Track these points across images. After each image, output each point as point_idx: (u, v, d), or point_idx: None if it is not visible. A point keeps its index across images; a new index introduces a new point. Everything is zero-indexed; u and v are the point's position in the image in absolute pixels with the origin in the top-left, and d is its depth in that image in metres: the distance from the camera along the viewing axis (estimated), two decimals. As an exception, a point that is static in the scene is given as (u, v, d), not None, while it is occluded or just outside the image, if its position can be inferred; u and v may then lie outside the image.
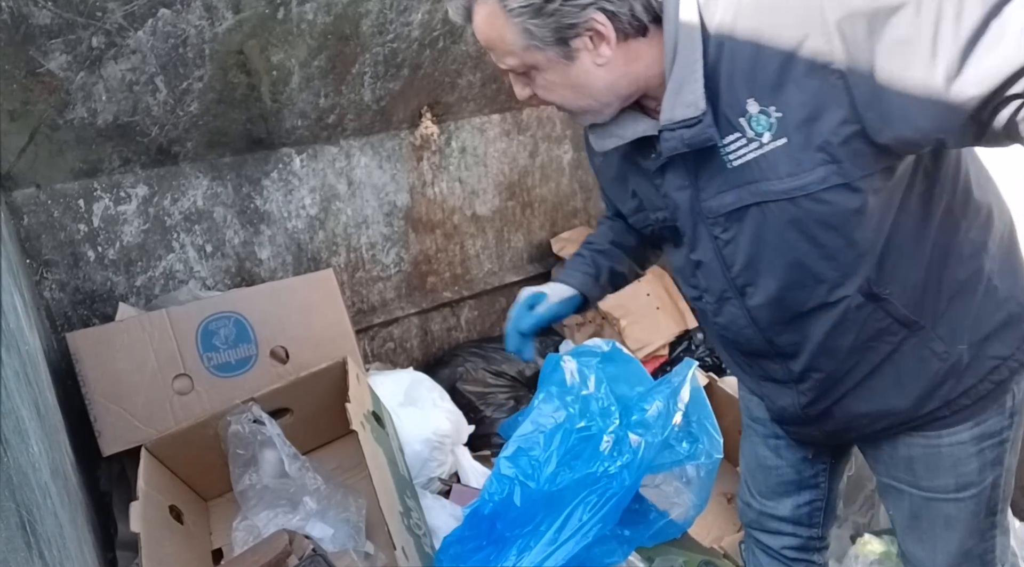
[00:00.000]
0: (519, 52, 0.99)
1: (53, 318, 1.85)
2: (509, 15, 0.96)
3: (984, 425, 1.12)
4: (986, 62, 0.79)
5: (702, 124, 0.96)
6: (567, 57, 0.98)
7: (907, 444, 1.17)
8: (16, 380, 1.03)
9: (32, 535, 0.81)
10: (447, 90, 2.27)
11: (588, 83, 1.01)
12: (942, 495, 1.18)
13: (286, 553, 1.30)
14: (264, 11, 1.71)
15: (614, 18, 0.95)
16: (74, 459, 1.52)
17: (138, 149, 1.81)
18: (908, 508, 1.23)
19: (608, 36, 0.96)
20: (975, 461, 1.14)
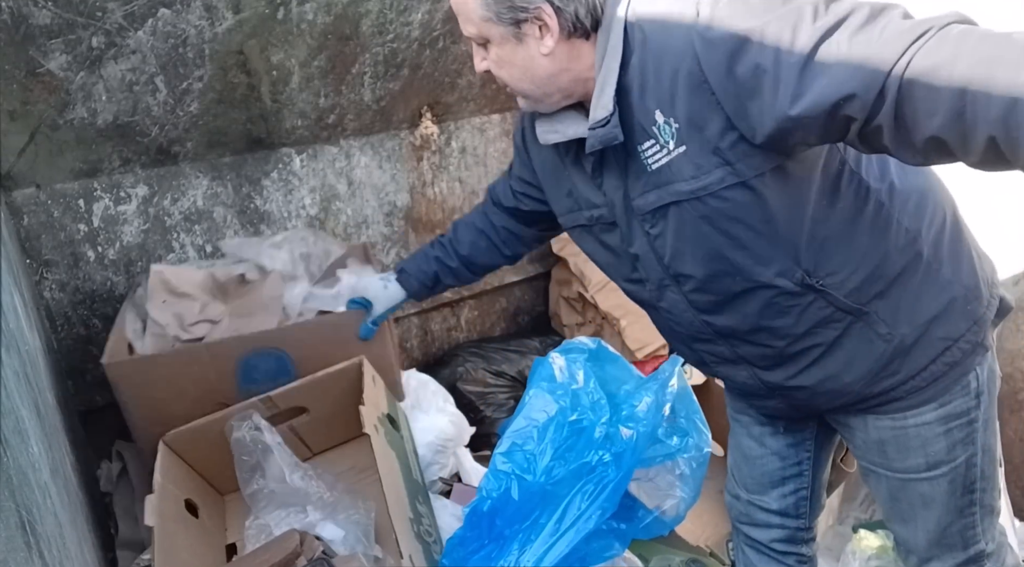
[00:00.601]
0: (478, 22, 1.10)
1: (53, 318, 1.85)
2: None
3: (949, 406, 1.18)
4: (816, 86, 0.90)
5: (610, 124, 1.07)
6: (517, 38, 1.09)
7: (877, 427, 1.23)
8: (16, 380, 1.03)
9: (32, 535, 0.81)
10: (447, 90, 2.27)
11: (532, 68, 1.11)
12: (914, 475, 1.23)
13: (296, 554, 1.30)
14: (264, 11, 1.71)
15: (559, 13, 1.06)
16: (74, 459, 1.52)
17: (138, 149, 1.81)
18: (887, 490, 1.29)
19: (552, 28, 1.07)
20: (943, 440, 1.20)
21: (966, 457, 1.21)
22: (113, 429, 2.00)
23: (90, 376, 1.94)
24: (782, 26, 0.92)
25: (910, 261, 1.12)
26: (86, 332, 1.91)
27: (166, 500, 1.40)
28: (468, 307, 2.65)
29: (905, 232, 1.11)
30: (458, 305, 2.62)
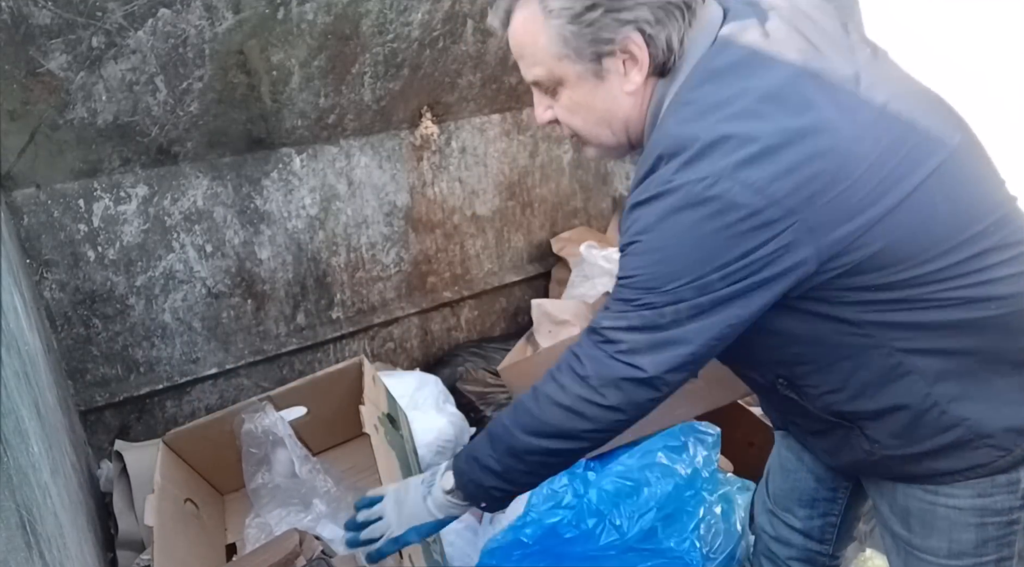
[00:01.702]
0: (550, 61, 0.98)
1: (53, 318, 1.85)
2: (548, 16, 0.95)
3: (988, 499, 1.07)
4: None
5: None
6: (597, 75, 0.97)
7: (906, 494, 1.13)
8: (16, 380, 1.03)
9: (32, 535, 0.81)
10: (447, 90, 2.27)
11: (611, 109, 1.00)
12: (932, 558, 1.13)
13: (295, 554, 1.30)
14: (264, 11, 1.71)
15: (650, 43, 0.94)
16: (74, 459, 1.52)
17: (138, 149, 1.81)
18: (903, 564, 1.20)
19: (642, 61, 0.96)
20: (973, 532, 1.09)
21: (996, 558, 1.11)
22: (113, 429, 2.00)
23: (90, 376, 1.94)
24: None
25: (904, 400, 1.02)
26: (86, 332, 1.91)
27: (166, 500, 1.40)
28: (468, 307, 2.65)
29: (897, 366, 1.01)
30: (458, 305, 2.62)
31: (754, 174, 0.86)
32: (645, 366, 0.96)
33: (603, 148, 1.06)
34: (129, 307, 1.95)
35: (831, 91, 0.94)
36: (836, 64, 0.97)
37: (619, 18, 0.92)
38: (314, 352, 2.30)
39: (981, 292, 0.96)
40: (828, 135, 0.90)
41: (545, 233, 2.78)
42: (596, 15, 0.92)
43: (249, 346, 2.17)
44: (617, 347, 0.97)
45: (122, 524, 1.66)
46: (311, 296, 2.26)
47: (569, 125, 1.05)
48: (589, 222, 2.89)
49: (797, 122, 0.89)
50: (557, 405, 1.01)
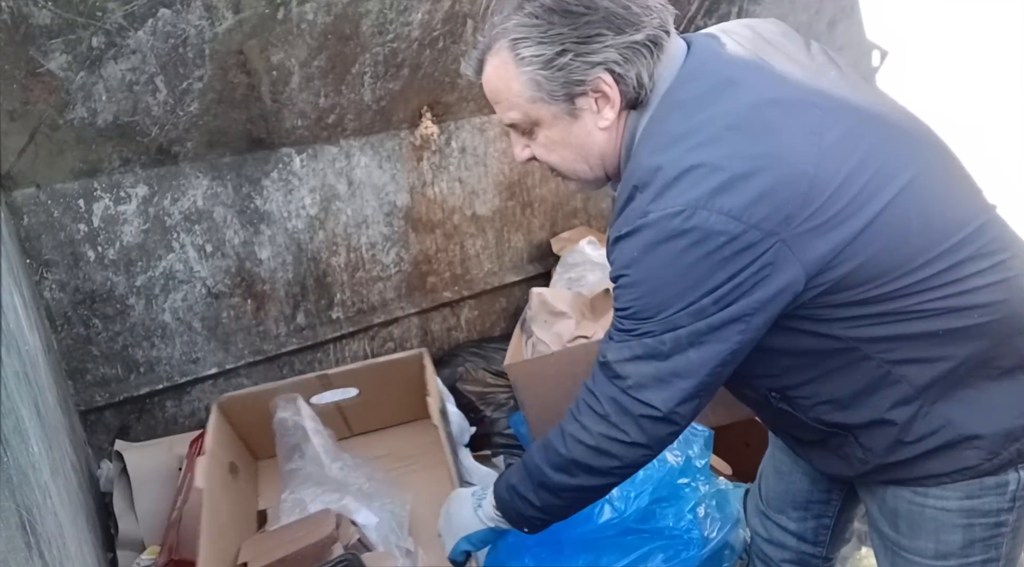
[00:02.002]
0: (524, 104, 1.01)
1: (53, 318, 1.85)
2: (520, 64, 0.99)
3: (977, 501, 1.08)
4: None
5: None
6: (571, 114, 1.01)
7: (895, 496, 1.14)
8: (16, 380, 1.03)
9: (32, 535, 0.81)
10: (447, 90, 2.27)
11: (587, 145, 1.04)
12: (920, 559, 1.14)
13: (332, 538, 1.30)
14: (264, 11, 1.71)
15: (620, 81, 0.98)
16: (74, 459, 1.52)
17: (138, 149, 1.81)
18: (891, 564, 1.20)
19: (613, 99, 0.99)
20: (960, 534, 1.10)
21: (983, 560, 1.11)
22: (113, 429, 2.00)
23: (90, 376, 1.94)
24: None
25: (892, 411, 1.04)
26: (86, 332, 1.91)
27: (215, 463, 1.42)
28: (468, 307, 2.65)
29: (886, 375, 1.02)
30: (458, 305, 2.62)
31: (728, 201, 0.89)
32: (657, 404, 0.99)
33: (582, 181, 1.11)
34: (129, 307, 1.95)
35: (796, 115, 0.96)
36: (800, 88, 0.99)
37: (588, 61, 0.96)
38: (314, 352, 2.30)
39: (962, 302, 0.98)
40: (795, 158, 0.92)
41: (545, 233, 2.78)
42: (566, 60, 0.96)
43: (249, 346, 2.17)
44: (626, 383, 1.00)
45: (122, 524, 1.67)
46: (311, 296, 2.26)
47: (547, 162, 1.09)
48: (589, 222, 2.89)
49: (762, 148, 0.92)
50: (582, 444, 1.04)
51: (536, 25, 0.97)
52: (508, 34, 0.99)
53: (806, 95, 0.98)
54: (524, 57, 0.98)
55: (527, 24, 0.97)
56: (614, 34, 0.96)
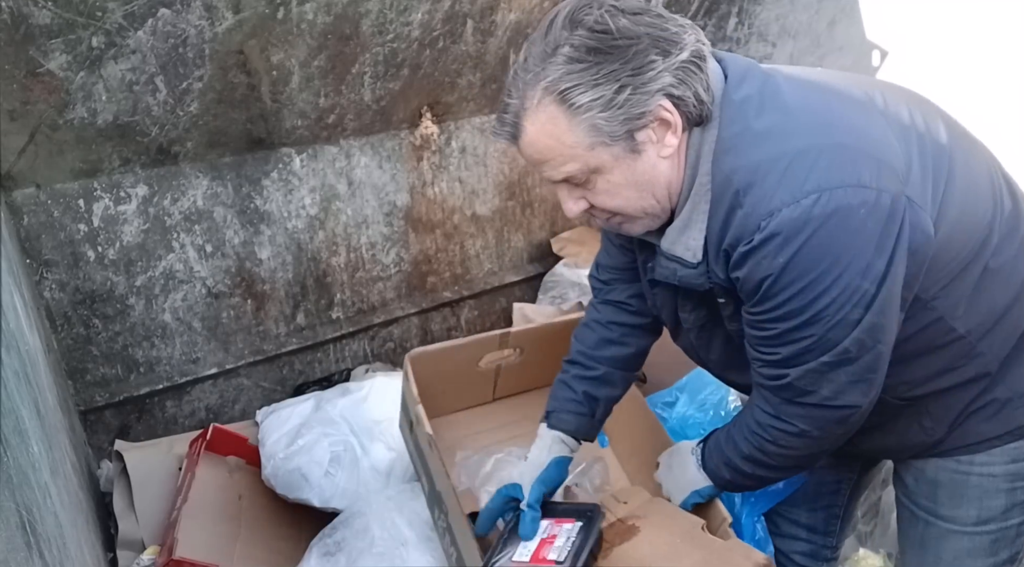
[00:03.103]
0: (583, 154, 0.95)
1: (53, 318, 1.85)
2: (575, 113, 0.93)
3: (1021, 464, 1.11)
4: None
5: (696, 271, 1.02)
6: (633, 151, 0.96)
7: (936, 467, 1.16)
8: (16, 380, 1.03)
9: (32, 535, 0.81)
10: (447, 90, 2.27)
11: (653, 179, 0.99)
12: (959, 527, 1.16)
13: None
14: (264, 11, 1.71)
15: (680, 104, 0.94)
16: (74, 459, 1.52)
17: (138, 149, 1.81)
18: (920, 537, 1.22)
19: (674, 124, 0.95)
20: (1003, 498, 1.13)
21: (1019, 522, 1.14)
22: (113, 429, 2.00)
23: (90, 376, 1.94)
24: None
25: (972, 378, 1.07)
26: (86, 332, 1.91)
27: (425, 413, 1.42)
28: (468, 307, 2.65)
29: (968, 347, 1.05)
30: (458, 305, 2.62)
31: (851, 172, 0.89)
32: (860, 402, 1.00)
33: (650, 217, 1.04)
34: (129, 307, 1.95)
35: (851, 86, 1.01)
36: (847, 82, 1.03)
37: (646, 90, 0.92)
38: (314, 352, 2.30)
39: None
40: (874, 125, 0.95)
41: (545, 233, 2.78)
42: (625, 95, 0.92)
43: (249, 346, 2.17)
44: (820, 396, 0.99)
45: (122, 524, 1.66)
46: (311, 296, 2.26)
47: (610, 208, 1.02)
48: (589, 222, 2.89)
49: (846, 119, 0.95)
50: (794, 458, 1.08)
51: (584, 69, 0.91)
52: (552, 86, 0.93)
53: (855, 91, 1.01)
54: (579, 105, 0.92)
55: (573, 71, 0.92)
56: (663, 58, 0.92)
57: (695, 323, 1.14)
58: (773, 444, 1.06)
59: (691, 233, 0.99)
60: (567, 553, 1.20)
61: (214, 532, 1.60)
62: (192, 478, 1.65)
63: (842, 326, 0.93)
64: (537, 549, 1.24)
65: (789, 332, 0.96)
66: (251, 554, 1.60)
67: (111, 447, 1.85)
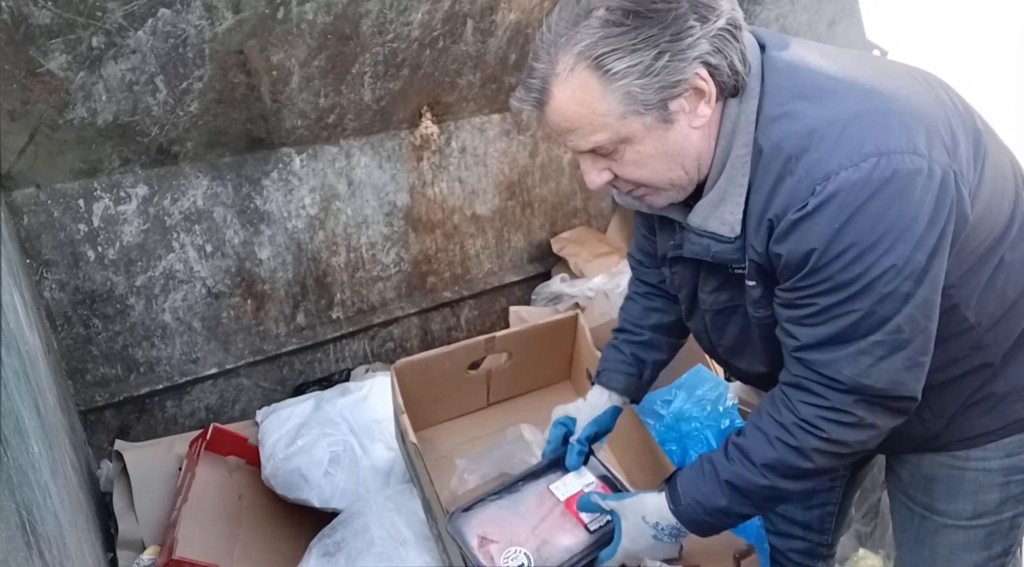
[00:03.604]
0: (614, 123, 0.92)
1: (53, 318, 1.85)
2: (610, 81, 0.89)
3: (1016, 459, 1.11)
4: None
5: (732, 246, 0.97)
6: (665, 121, 0.92)
7: (931, 462, 1.15)
8: (16, 380, 1.03)
9: (32, 535, 0.81)
10: (447, 90, 2.27)
11: (683, 149, 0.95)
12: (954, 521, 1.16)
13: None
14: (264, 11, 1.71)
15: (715, 72, 0.91)
16: (74, 459, 1.52)
17: (138, 149, 1.81)
18: (915, 531, 1.21)
19: (709, 93, 0.92)
20: (997, 492, 1.12)
21: (1012, 515, 1.14)
22: (113, 429, 2.00)
23: (90, 376, 1.94)
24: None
25: (974, 369, 1.06)
26: (86, 332, 1.91)
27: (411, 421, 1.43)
28: (468, 307, 2.65)
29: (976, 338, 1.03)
30: (458, 305, 2.62)
31: (909, 139, 0.87)
32: (916, 391, 0.96)
33: (675, 189, 1.00)
34: (129, 307, 1.95)
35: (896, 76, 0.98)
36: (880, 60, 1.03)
37: (684, 57, 0.89)
38: (314, 352, 2.30)
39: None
40: (917, 93, 0.94)
41: (545, 233, 2.78)
42: (664, 62, 0.88)
43: (249, 346, 2.17)
44: (877, 388, 0.94)
45: (122, 524, 1.67)
46: (311, 296, 2.26)
47: (636, 179, 0.99)
48: (589, 222, 2.89)
49: (895, 89, 0.93)
50: (834, 454, 1.01)
51: (622, 33, 0.87)
52: (587, 51, 0.89)
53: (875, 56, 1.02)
54: (616, 71, 0.88)
55: (610, 35, 0.88)
56: (701, 24, 0.88)
57: (713, 305, 1.11)
58: (818, 437, 0.99)
59: (727, 207, 0.96)
60: (599, 527, 1.21)
61: (214, 532, 1.60)
62: (192, 478, 1.66)
63: (893, 300, 0.88)
64: (575, 495, 1.26)
65: (836, 306, 0.91)
66: (251, 554, 1.60)
67: (111, 447, 1.85)
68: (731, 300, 1.07)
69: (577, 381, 1.80)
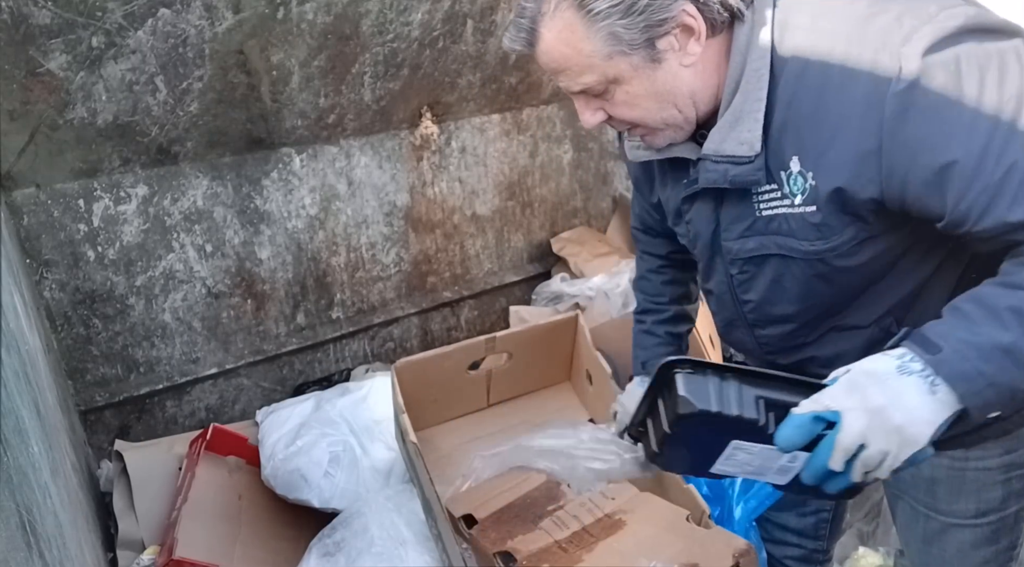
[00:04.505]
0: (600, 64, 0.91)
1: (53, 318, 1.85)
2: (593, 21, 0.89)
3: (1015, 455, 1.09)
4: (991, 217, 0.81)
5: (752, 165, 0.93)
6: (653, 60, 0.91)
7: (932, 465, 1.13)
8: (16, 380, 1.03)
9: (32, 535, 0.81)
10: (447, 90, 2.27)
11: (674, 88, 0.93)
12: (960, 520, 1.15)
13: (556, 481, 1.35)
14: (264, 11, 1.71)
15: (704, 8, 0.89)
16: (74, 459, 1.52)
17: (138, 149, 1.81)
18: (921, 532, 1.20)
19: (698, 30, 0.90)
20: (1000, 489, 1.11)
21: (1016, 510, 1.13)
22: (113, 429, 2.00)
23: (90, 376, 1.94)
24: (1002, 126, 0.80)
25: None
26: (86, 332, 1.91)
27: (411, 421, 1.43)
28: (468, 307, 2.65)
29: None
30: (458, 305, 2.62)
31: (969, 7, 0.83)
32: None
33: (672, 129, 0.98)
34: (129, 307, 1.95)
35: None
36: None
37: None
38: (314, 352, 2.30)
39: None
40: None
41: (545, 233, 2.78)
42: (646, 1, 0.87)
43: (249, 346, 2.17)
44: None
45: (122, 524, 1.67)
46: (311, 296, 2.26)
47: (629, 119, 0.98)
48: (589, 222, 2.89)
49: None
50: None
51: None
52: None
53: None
54: (598, 11, 0.87)
55: None
56: None
57: (740, 254, 1.03)
58: None
59: (744, 126, 0.92)
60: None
61: (214, 532, 1.60)
62: (192, 478, 1.66)
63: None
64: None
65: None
66: (251, 554, 1.60)
67: (111, 447, 1.85)
68: (760, 248, 1.00)
69: (577, 381, 1.80)
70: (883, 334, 1.01)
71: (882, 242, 0.94)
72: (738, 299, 1.09)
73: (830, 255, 0.94)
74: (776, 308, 1.05)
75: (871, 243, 0.94)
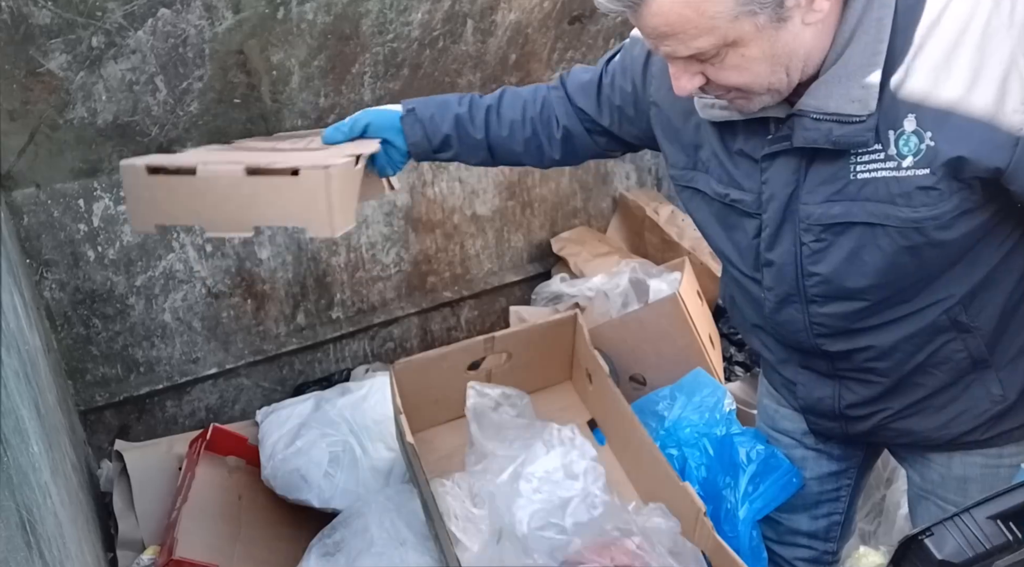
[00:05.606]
0: (723, 26, 0.82)
1: (53, 318, 1.85)
2: None
3: None
4: None
5: (863, 125, 0.86)
6: (779, 19, 0.83)
7: (963, 463, 1.11)
8: (16, 380, 1.03)
9: (32, 535, 0.81)
10: (447, 90, 2.27)
11: (792, 50, 0.86)
12: None
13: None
14: (264, 11, 1.71)
15: None
16: (74, 459, 1.52)
17: (138, 149, 1.81)
18: None
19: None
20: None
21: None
22: (113, 429, 2.00)
23: (90, 376, 1.94)
24: None
25: None
26: (86, 332, 1.91)
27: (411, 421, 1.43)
28: (468, 307, 2.65)
29: None
30: (458, 305, 2.62)
31: None
32: None
33: (771, 94, 0.90)
34: (129, 307, 1.95)
35: None
36: None
37: None
38: (314, 352, 2.30)
39: None
40: None
41: (545, 233, 2.78)
42: None
43: (249, 346, 2.17)
44: None
45: (122, 524, 1.67)
46: (311, 296, 2.26)
47: (733, 84, 0.89)
48: (589, 222, 2.89)
49: None
50: None
51: None
52: None
53: None
54: None
55: None
56: None
57: (821, 219, 0.95)
58: None
59: (856, 81, 0.85)
60: None
61: (214, 532, 1.60)
62: (192, 478, 1.66)
63: None
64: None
65: None
66: (251, 554, 1.60)
67: (111, 447, 1.85)
68: (844, 215, 0.93)
69: (577, 381, 1.80)
70: (948, 322, 0.97)
71: (978, 217, 0.89)
72: (803, 271, 1.00)
73: (930, 224, 0.88)
74: (847, 283, 0.97)
75: (967, 217, 0.89)
